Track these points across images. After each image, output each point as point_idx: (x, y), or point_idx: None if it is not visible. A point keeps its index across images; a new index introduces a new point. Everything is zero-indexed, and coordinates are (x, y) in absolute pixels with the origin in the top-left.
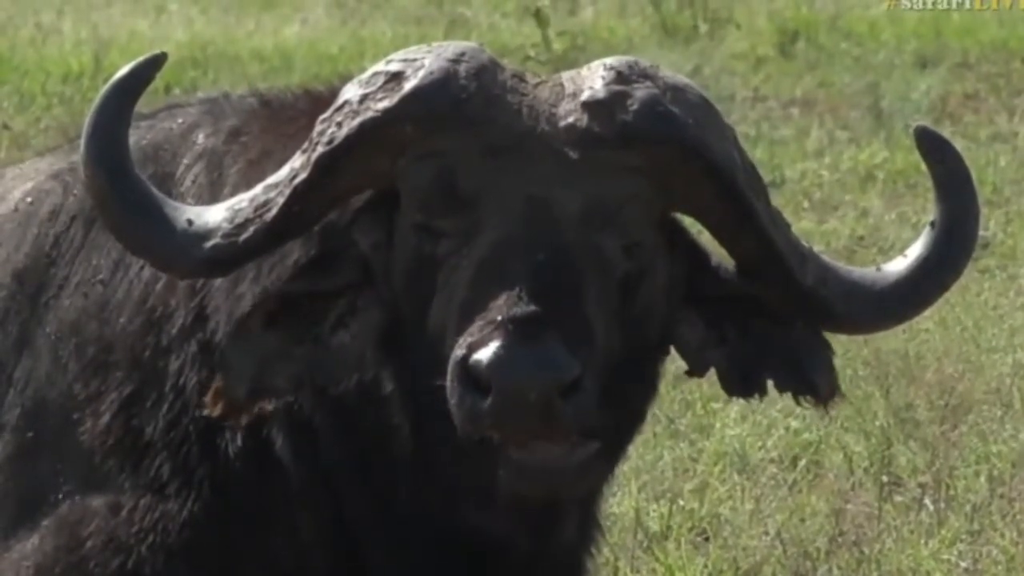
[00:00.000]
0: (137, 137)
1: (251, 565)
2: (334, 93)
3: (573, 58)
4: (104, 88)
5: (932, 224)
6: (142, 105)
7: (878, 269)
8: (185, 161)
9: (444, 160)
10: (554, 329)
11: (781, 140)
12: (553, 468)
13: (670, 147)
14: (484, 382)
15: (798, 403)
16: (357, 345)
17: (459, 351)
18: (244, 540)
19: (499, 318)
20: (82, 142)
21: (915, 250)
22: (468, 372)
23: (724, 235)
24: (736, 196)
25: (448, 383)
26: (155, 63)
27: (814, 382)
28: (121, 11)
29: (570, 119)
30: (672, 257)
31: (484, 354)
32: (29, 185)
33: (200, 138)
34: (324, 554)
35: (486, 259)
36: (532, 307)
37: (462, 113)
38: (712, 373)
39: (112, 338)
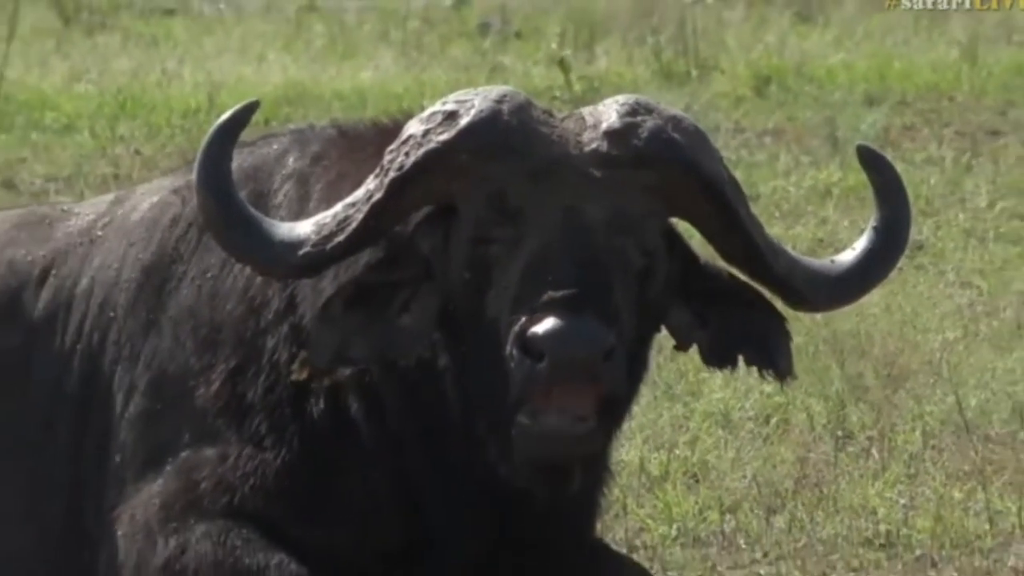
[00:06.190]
0: (240, 160)
1: (331, 505)
2: (398, 126)
3: (590, 98)
4: (211, 128)
5: (873, 228)
6: (246, 135)
7: (832, 261)
8: (278, 180)
9: (494, 183)
10: (591, 309)
11: (756, 163)
12: (560, 437)
13: (673, 166)
14: (539, 350)
15: (762, 377)
16: (418, 325)
17: (517, 327)
18: (325, 485)
19: (548, 300)
20: (194, 172)
21: (861, 245)
22: (526, 343)
23: (714, 236)
24: (725, 205)
25: (508, 353)
26: (251, 108)
27: (776, 361)
28: (230, 60)
29: (593, 145)
30: (670, 256)
31: (540, 328)
32: (155, 198)
33: (290, 161)
34: (390, 500)
35: (533, 260)
36: (574, 290)
37: (507, 144)
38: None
39: (221, 321)
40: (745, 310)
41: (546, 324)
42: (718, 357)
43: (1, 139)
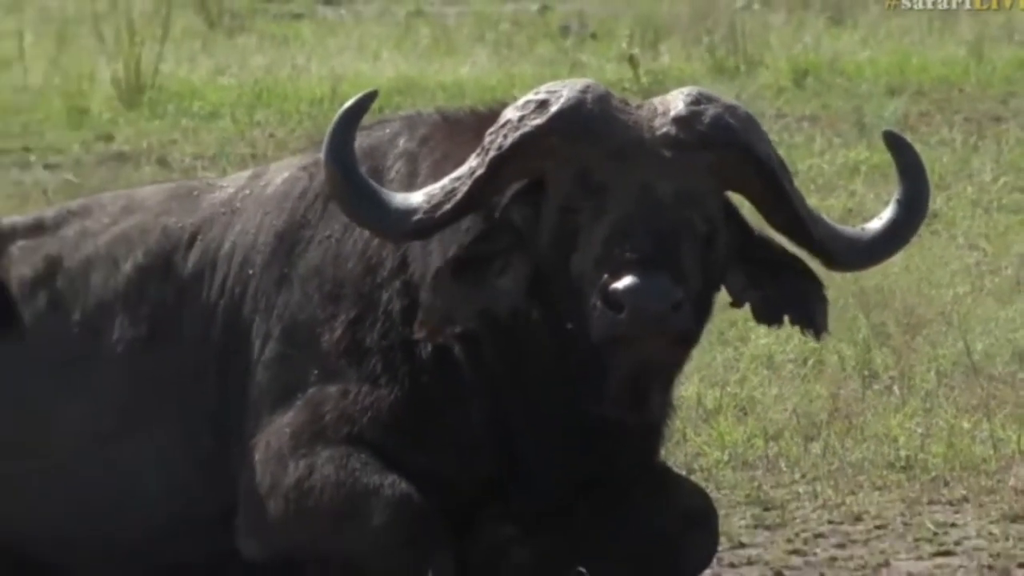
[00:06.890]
0: (359, 141)
1: (437, 435)
2: (493, 113)
3: (655, 90)
4: (337, 113)
5: (897, 201)
6: (364, 121)
7: (863, 229)
8: (391, 159)
9: (579, 161)
10: (663, 268)
11: (795, 144)
12: (659, 323)
13: (731, 148)
14: (619, 303)
15: (802, 333)
16: (513, 287)
17: (600, 283)
18: (431, 418)
19: (626, 261)
20: (323, 150)
21: (886, 215)
22: (608, 296)
23: (764, 207)
24: (774, 181)
25: (592, 304)
26: (371, 97)
27: (815, 321)
28: (350, 57)
29: (664, 130)
30: (727, 226)
31: (620, 284)
32: (287, 174)
33: (401, 143)
34: (486, 435)
35: (613, 228)
36: (648, 252)
37: (591, 128)
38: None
39: (343, 278)
40: (791, 276)
41: (625, 281)
42: (767, 315)
43: (156, 124)
